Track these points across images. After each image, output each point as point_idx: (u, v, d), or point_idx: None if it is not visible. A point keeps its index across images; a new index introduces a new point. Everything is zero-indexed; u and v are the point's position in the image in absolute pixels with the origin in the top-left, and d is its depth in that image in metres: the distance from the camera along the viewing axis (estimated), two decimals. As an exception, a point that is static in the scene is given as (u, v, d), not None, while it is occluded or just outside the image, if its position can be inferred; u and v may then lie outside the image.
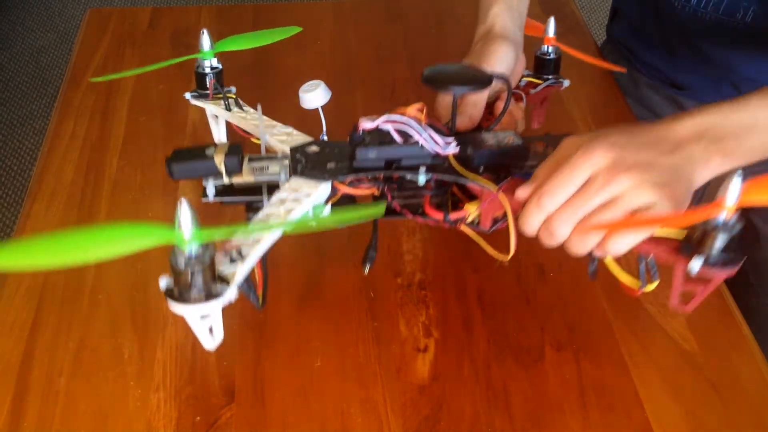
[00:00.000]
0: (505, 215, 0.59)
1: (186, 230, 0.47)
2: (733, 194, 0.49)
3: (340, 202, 0.61)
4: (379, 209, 0.53)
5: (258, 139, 0.66)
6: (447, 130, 0.62)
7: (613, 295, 0.69)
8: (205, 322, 0.52)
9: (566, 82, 0.79)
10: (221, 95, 0.71)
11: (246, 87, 0.86)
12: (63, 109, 0.90)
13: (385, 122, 0.59)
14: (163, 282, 0.50)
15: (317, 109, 0.78)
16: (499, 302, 0.69)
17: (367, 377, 0.63)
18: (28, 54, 2.35)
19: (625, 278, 0.59)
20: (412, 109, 0.60)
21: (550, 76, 0.77)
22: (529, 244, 0.74)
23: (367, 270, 0.63)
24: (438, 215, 0.61)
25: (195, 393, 0.61)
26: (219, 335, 0.53)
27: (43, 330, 0.66)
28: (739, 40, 0.79)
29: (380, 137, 0.60)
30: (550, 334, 0.66)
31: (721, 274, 0.52)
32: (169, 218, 0.75)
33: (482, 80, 0.62)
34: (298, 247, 0.73)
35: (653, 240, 0.54)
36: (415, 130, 0.59)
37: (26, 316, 0.67)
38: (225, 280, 0.50)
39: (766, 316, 0.89)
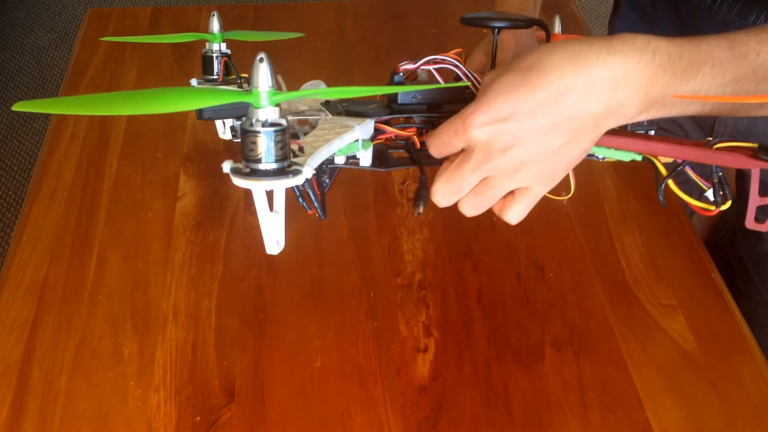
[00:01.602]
0: None
1: (264, 88, 0.41)
2: None
3: (376, 156, 0.57)
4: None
5: None
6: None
7: (613, 295, 0.69)
8: (272, 218, 0.46)
9: None
10: (234, 76, 0.66)
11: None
12: (63, 109, 0.90)
13: (426, 63, 0.58)
14: (227, 165, 0.44)
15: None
16: (499, 302, 0.69)
17: (367, 377, 0.63)
18: (29, 54, 2.35)
19: (696, 202, 0.53)
20: (453, 53, 0.59)
21: None
22: (530, 244, 0.75)
23: (420, 209, 0.58)
24: None
25: (195, 393, 0.61)
26: (282, 239, 0.48)
27: (43, 330, 0.66)
28: None
29: (421, 81, 0.58)
30: (550, 334, 0.66)
31: None
32: (169, 219, 0.76)
33: (521, 20, 0.61)
34: (299, 248, 0.73)
35: (728, 150, 0.50)
36: (460, 69, 0.57)
37: (26, 316, 0.67)
38: (298, 163, 0.45)
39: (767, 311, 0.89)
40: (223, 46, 0.66)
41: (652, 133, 0.59)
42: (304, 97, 0.49)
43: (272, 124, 0.42)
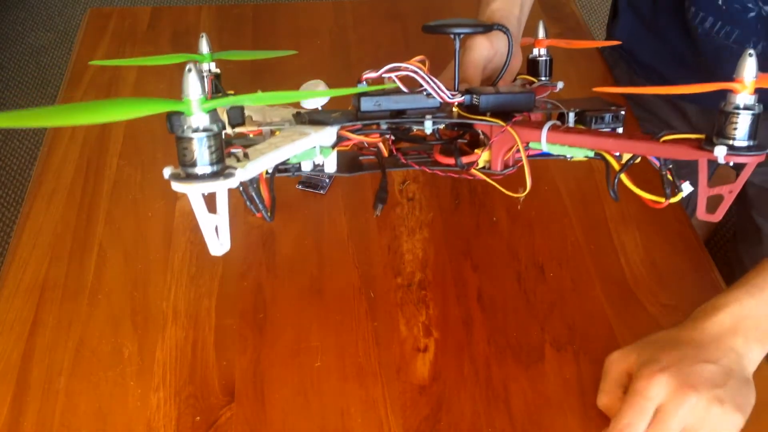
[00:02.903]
0: (515, 162, 0.58)
1: (194, 96, 0.44)
2: (750, 72, 0.46)
3: (344, 162, 0.60)
4: (393, 85, 0.52)
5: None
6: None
7: (613, 295, 0.69)
8: (212, 219, 0.48)
9: (560, 84, 0.79)
10: (221, 94, 0.70)
11: (246, 87, 0.86)
12: (63, 109, 0.90)
13: (389, 71, 0.58)
14: (168, 170, 0.46)
15: (317, 108, 0.78)
16: (499, 302, 0.69)
17: (367, 377, 0.63)
18: (28, 53, 2.35)
19: (645, 195, 0.56)
20: (414, 60, 0.59)
21: (543, 78, 0.77)
22: (530, 244, 0.75)
23: (379, 211, 0.61)
24: (449, 160, 0.59)
25: (195, 393, 0.61)
26: (226, 241, 0.49)
27: (42, 329, 0.66)
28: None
29: (384, 89, 0.59)
30: (550, 334, 0.66)
31: (749, 160, 0.47)
32: (169, 218, 0.76)
33: (483, 25, 0.62)
34: (298, 247, 0.73)
35: (674, 142, 0.51)
36: (421, 77, 0.58)
37: (26, 316, 0.67)
38: (233, 167, 0.47)
39: None
40: (213, 65, 0.70)
41: (620, 131, 0.59)
42: (235, 103, 0.50)
43: (204, 130, 0.44)
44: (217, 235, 0.48)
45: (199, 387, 0.62)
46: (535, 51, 0.77)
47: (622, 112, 0.60)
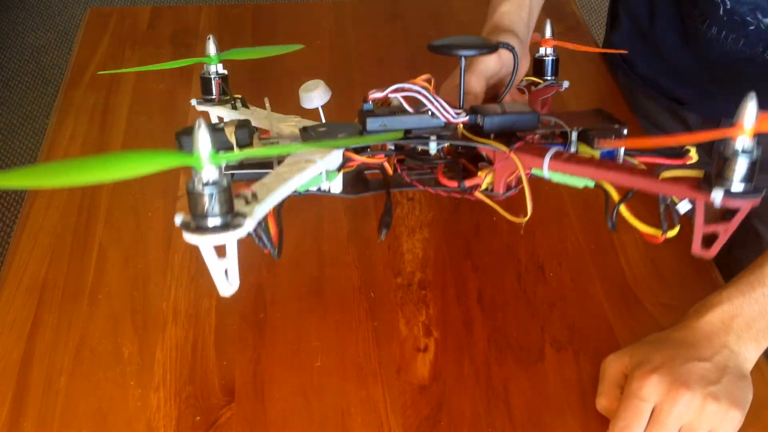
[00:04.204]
0: (517, 183, 0.59)
1: (204, 151, 0.44)
2: (750, 117, 0.46)
3: (350, 181, 0.61)
4: (397, 134, 0.52)
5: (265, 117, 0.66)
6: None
7: (613, 295, 0.69)
8: (221, 263, 0.49)
9: (565, 84, 0.79)
10: (228, 97, 0.71)
11: (246, 87, 0.86)
12: (63, 109, 0.90)
13: (394, 91, 0.59)
14: (179, 218, 0.47)
15: (317, 108, 0.78)
16: (499, 302, 0.69)
17: (367, 377, 0.63)
18: (28, 53, 2.35)
19: (643, 227, 0.56)
20: (420, 79, 0.60)
21: (549, 78, 0.77)
22: (530, 244, 0.75)
23: (383, 236, 0.61)
24: (452, 183, 0.60)
25: (195, 393, 0.61)
26: (235, 281, 0.51)
27: (43, 329, 0.66)
28: (756, 70, 0.79)
29: (390, 107, 0.60)
30: (550, 334, 0.66)
31: (745, 204, 0.48)
32: (169, 218, 0.76)
33: (488, 46, 0.62)
34: (298, 247, 0.73)
35: (672, 180, 0.52)
36: (425, 97, 0.58)
37: (26, 316, 0.67)
38: (242, 215, 0.48)
39: None
40: (220, 67, 0.71)
41: (621, 156, 0.61)
42: (246, 156, 0.51)
43: (214, 183, 0.45)
44: (226, 277, 0.49)
45: (199, 387, 0.62)
46: (542, 50, 0.77)
47: (624, 131, 0.61)
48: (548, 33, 0.75)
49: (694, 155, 0.59)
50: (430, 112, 0.59)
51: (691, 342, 0.59)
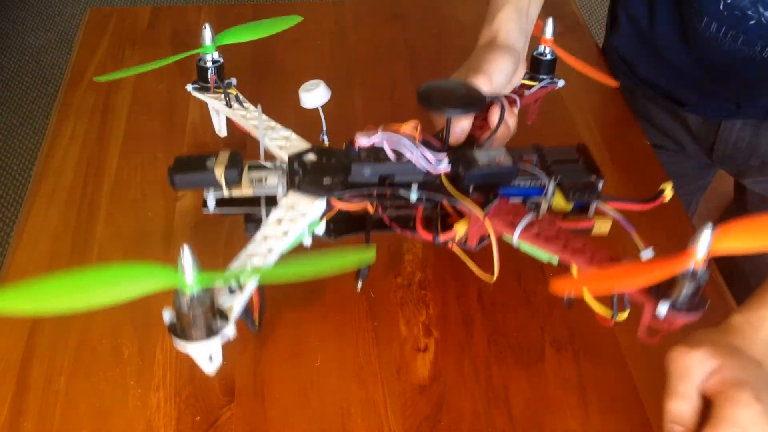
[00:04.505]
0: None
1: (188, 276, 0.48)
2: (703, 247, 0.50)
3: (336, 216, 0.63)
4: (369, 255, 0.54)
5: (255, 126, 0.68)
6: (440, 143, 0.64)
7: (613, 295, 0.69)
8: (206, 351, 0.53)
9: (560, 83, 0.79)
10: (221, 90, 0.72)
11: (246, 87, 0.86)
12: (63, 109, 0.90)
13: (380, 140, 0.61)
14: (167, 316, 0.52)
15: (317, 108, 0.78)
16: (499, 302, 0.69)
17: (367, 377, 0.63)
18: (28, 53, 2.35)
19: (598, 308, 0.60)
20: (407, 126, 0.62)
21: (545, 76, 0.78)
22: (529, 244, 0.74)
23: (359, 287, 0.65)
24: (428, 236, 0.63)
25: (195, 393, 0.61)
26: (218, 360, 0.54)
27: (43, 329, 0.66)
28: (755, 69, 0.79)
29: (375, 153, 0.62)
30: (550, 334, 0.66)
31: (685, 319, 0.53)
32: (169, 218, 0.76)
33: (476, 104, 0.64)
34: (298, 248, 0.73)
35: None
36: (407, 149, 0.61)
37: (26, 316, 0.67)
38: (224, 315, 0.52)
39: None
40: (216, 55, 0.72)
41: (593, 209, 0.65)
42: (233, 278, 0.54)
43: (199, 302, 0.49)
44: (210, 360, 0.54)
45: (199, 387, 0.62)
46: (540, 48, 0.77)
47: (600, 184, 0.64)
48: (549, 33, 0.75)
49: (668, 194, 0.64)
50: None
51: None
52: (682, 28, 0.85)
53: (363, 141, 0.62)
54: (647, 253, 0.60)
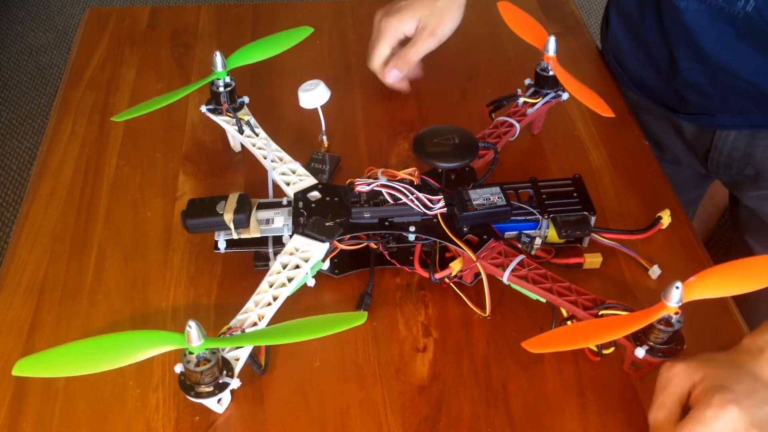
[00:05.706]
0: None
1: (195, 343, 0.54)
2: (675, 299, 0.55)
3: (339, 253, 0.68)
4: (360, 318, 0.58)
5: (265, 156, 0.73)
6: (438, 184, 0.69)
7: (613, 295, 0.69)
8: (214, 401, 0.58)
9: (565, 95, 0.79)
10: (232, 115, 0.76)
11: (246, 87, 0.86)
12: (62, 109, 0.90)
13: (378, 186, 0.66)
14: (178, 368, 0.57)
15: (316, 108, 0.79)
16: (499, 302, 0.69)
17: (366, 377, 0.63)
18: (27, 53, 2.35)
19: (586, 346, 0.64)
20: (405, 173, 0.68)
21: (549, 91, 0.78)
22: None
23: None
24: (425, 274, 0.67)
25: (194, 393, 0.61)
26: (226, 402, 0.59)
27: (42, 329, 0.66)
28: (738, 34, 0.78)
29: (374, 196, 0.67)
30: (549, 334, 0.66)
31: (661, 362, 0.58)
32: (167, 218, 0.76)
33: (468, 156, 0.68)
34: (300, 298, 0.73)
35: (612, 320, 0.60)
36: (405, 195, 0.66)
37: (25, 316, 0.67)
38: (230, 367, 0.58)
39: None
40: (228, 78, 0.77)
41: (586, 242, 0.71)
42: (238, 344, 0.59)
43: (207, 362, 0.56)
44: (218, 403, 0.59)
45: (198, 387, 0.61)
46: (543, 64, 0.77)
47: (593, 218, 0.69)
48: (551, 50, 0.76)
49: (666, 221, 0.72)
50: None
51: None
52: (662, 17, 0.85)
53: (362, 187, 0.67)
54: (655, 271, 0.69)
